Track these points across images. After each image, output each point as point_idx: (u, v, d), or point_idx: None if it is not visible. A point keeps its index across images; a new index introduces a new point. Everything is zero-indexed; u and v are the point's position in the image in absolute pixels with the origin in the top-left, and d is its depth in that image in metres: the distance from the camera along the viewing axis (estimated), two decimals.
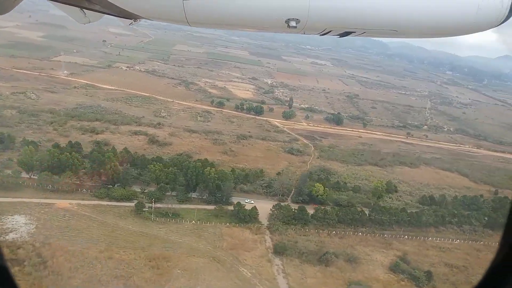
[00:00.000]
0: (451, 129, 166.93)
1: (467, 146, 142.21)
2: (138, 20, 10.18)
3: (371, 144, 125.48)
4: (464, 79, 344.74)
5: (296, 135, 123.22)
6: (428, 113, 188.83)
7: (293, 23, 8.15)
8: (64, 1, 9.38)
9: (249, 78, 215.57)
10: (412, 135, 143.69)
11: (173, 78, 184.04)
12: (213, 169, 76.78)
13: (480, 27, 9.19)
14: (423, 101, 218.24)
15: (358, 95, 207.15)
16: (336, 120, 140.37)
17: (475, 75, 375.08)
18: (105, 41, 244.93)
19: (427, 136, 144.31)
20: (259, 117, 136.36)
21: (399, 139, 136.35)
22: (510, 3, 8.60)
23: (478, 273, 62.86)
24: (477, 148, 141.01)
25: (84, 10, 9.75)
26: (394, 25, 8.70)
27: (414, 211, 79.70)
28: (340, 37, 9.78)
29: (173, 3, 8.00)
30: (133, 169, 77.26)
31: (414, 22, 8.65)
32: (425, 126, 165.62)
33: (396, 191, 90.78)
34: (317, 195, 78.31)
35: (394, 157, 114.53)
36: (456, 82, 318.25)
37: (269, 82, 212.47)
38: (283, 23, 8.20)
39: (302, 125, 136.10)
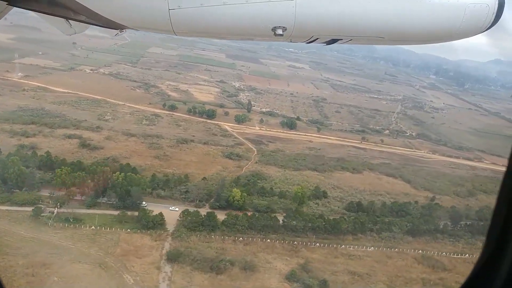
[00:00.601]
0: (413, 134, 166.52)
1: (423, 152, 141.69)
2: (124, 30, 10.20)
3: (319, 149, 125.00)
4: (446, 83, 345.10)
5: (243, 140, 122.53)
6: (394, 118, 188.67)
7: (279, 31, 8.28)
8: (49, 12, 9.40)
9: (217, 81, 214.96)
10: (367, 140, 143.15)
11: (135, 81, 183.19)
12: (122, 174, 75.87)
13: (467, 33, 9.40)
14: (393, 105, 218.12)
15: (326, 99, 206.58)
16: (289, 124, 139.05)
17: (459, 79, 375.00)
18: (75, 43, 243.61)
19: (382, 141, 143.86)
20: (210, 121, 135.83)
21: (352, 144, 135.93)
22: (496, 9, 8.87)
23: (379, 280, 62.42)
24: (432, 153, 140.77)
25: (69, 21, 9.82)
26: (381, 32, 8.85)
27: (333, 217, 78.68)
28: (326, 44, 10.00)
29: (159, 13, 8.11)
30: (43, 173, 76.17)
31: (401, 29, 8.82)
32: (387, 131, 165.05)
33: (325, 197, 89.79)
34: (234, 201, 77.44)
35: (338, 162, 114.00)
36: (436, 86, 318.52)
37: (237, 85, 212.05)
38: (269, 31, 8.34)
39: (254, 129, 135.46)
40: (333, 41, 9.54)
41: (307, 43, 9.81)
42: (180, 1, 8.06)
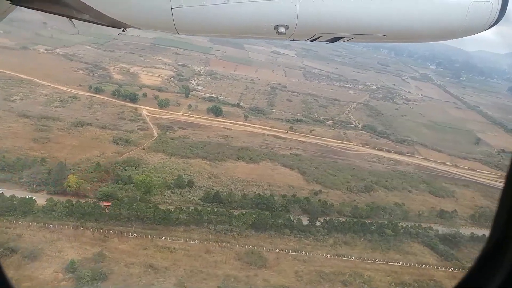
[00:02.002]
0: (359, 125, 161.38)
1: (352, 144, 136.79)
2: (127, 29, 10.14)
3: (232, 137, 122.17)
4: (443, 74, 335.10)
5: (152, 125, 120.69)
6: (349, 108, 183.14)
7: (282, 29, 8.37)
8: (53, 11, 9.45)
9: (178, 64, 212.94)
10: (295, 130, 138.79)
11: (86, 63, 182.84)
12: None
13: (470, 30, 9.40)
14: (359, 96, 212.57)
15: (286, 87, 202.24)
16: (215, 111, 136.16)
17: (460, 70, 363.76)
18: (45, 23, 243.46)
19: (311, 132, 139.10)
20: (131, 105, 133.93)
21: (274, 133, 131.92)
22: (500, 5, 8.83)
23: (176, 275, 60.19)
24: (362, 146, 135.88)
25: (72, 20, 9.82)
26: (384, 30, 8.92)
27: (167, 207, 76.29)
28: (329, 43, 10.02)
29: (161, 12, 8.22)
30: None
31: (404, 27, 8.86)
32: (330, 121, 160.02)
33: (190, 186, 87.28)
34: (68, 187, 75.82)
35: (239, 151, 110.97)
36: (428, 77, 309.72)
37: (198, 69, 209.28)
38: (272, 29, 8.44)
39: (175, 114, 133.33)
40: (336, 39, 9.53)
41: (310, 41, 9.83)
42: (183, 0, 8.08)
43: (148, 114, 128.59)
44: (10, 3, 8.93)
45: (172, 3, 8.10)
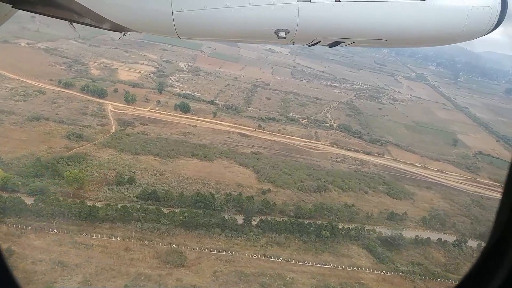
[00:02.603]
0: (335, 124, 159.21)
1: (320, 143, 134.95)
2: (127, 33, 10.20)
3: (194, 134, 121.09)
4: (441, 75, 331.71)
5: (113, 120, 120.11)
6: (329, 107, 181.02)
7: (282, 34, 8.47)
8: (54, 15, 9.53)
9: (163, 61, 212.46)
10: (263, 128, 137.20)
11: (66, 57, 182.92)
12: None
13: (469, 35, 9.56)
14: (344, 95, 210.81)
15: (268, 85, 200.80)
16: (182, 107, 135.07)
17: (460, 71, 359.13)
18: (33, 16, 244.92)
19: (279, 130, 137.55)
20: (98, 100, 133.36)
21: (241, 131, 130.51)
22: (499, 11, 8.97)
23: (88, 272, 59.22)
24: (330, 146, 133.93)
25: (73, 24, 9.96)
26: (384, 35, 9.07)
27: (93, 204, 75.28)
28: (329, 47, 10.19)
29: (162, 16, 8.31)
30: None
31: (403, 32, 9.00)
32: (305, 120, 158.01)
33: (130, 183, 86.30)
34: None
35: (196, 149, 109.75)
36: (424, 77, 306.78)
37: (182, 66, 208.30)
38: (272, 33, 8.56)
39: (141, 110, 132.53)
40: (336, 43, 9.59)
41: (310, 45, 9.93)
42: (184, 3, 8.14)
43: (113, 109, 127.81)
44: (12, 7, 9.00)
45: (173, 7, 8.14)
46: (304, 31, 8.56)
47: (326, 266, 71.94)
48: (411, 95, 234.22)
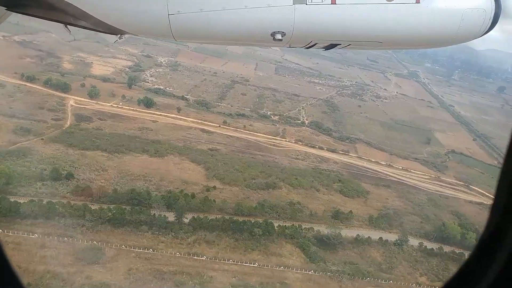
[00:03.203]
0: (306, 121, 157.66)
1: (286, 140, 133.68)
2: (123, 36, 10.43)
3: (152, 130, 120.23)
4: (435, 72, 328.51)
5: (71, 115, 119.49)
6: (306, 104, 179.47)
7: (278, 36, 8.79)
8: (49, 18, 9.73)
9: (143, 55, 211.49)
10: (229, 124, 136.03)
11: (40, 51, 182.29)
12: None
13: (465, 37, 9.92)
14: (327, 91, 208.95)
15: (248, 81, 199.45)
16: (146, 102, 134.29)
17: (456, 69, 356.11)
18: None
19: (245, 127, 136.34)
20: (61, 94, 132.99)
21: (205, 127, 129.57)
22: (493, 14, 9.25)
23: None
24: (294, 143, 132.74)
25: (68, 27, 10.11)
26: (379, 37, 9.49)
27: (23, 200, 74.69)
28: (325, 49, 10.66)
29: (158, 18, 8.39)
30: None
31: (398, 34, 9.33)
32: (277, 117, 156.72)
33: (68, 179, 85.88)
34: None
35: (148, 144, 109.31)
36: (416, 74, 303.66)
37: (161, 61, 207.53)
38: (268, 36, 8.87)
39: (103, 105, 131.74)
40: (332, 46, 10.07)
41: (306, 48, 10.43)
42: (180, 6, 8.18)
43: (73, 104, 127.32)
44: (6, 10, 8.95)
45: (169, 9, 8.14)
46: (300, 34, 8.75)
47: (251, 265, 70.92)
48: (397, 92, 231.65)
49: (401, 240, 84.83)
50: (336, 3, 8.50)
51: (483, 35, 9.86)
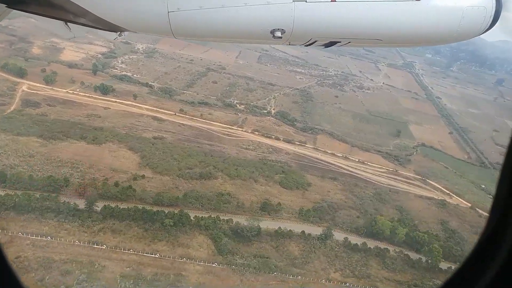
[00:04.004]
0: (273, 111, 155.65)
1: (242, 130, 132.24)
2: (123, 33, 10.56)
3: (100, 116, 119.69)
4: (436, 63, 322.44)
5: (18, 100, 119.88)
6: (279, 93, 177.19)
7: (278, 34, 8.79)
8: (49, 15, 9.82)
9: (122, 42, 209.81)
10: (185, 112, 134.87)
11: (13, 36, 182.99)
12: None
13: (464, 36, 9.98)
14: (307, 81, 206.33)
15: (224, 69, 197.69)
16: (102, 89, 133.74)
17: (460, 59, 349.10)
18: None
19: (202, 115, 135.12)
20: (15, 79, 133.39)
21: (158, 115, 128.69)
22: (493, 12, 9.22)
23: None
24: (250, 132, 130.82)
25: (68, 24, 10.32)
26: (379, 35, 9.38)
27: None
28: (325, 47, 10.61)
29: (158, 16, 8.56)
30: None
31: (398, 32, 9.28)
32: (243, 106, 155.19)
33: None
34: None
35: (89, 131, 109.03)
36: (411, 65, 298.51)
37: (139, 47, 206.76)
38: (268, 33, 8.88)
39: (58, 91, 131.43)
40: (332, 43, 9.85)
41: (306, 45, 10.25)
42: (179, 3, 8.27)
43: (26, 89, 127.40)
44: (6, 7, 9.00)
45: (169, 7, 8.20)
46: (300, 31, 8.68)
47: (152, 256, 70.08)
48: (383, 83, 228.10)
49: (325, 234, 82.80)
50: (336, 0, 8.47)
51: (483, 32, 9.83)
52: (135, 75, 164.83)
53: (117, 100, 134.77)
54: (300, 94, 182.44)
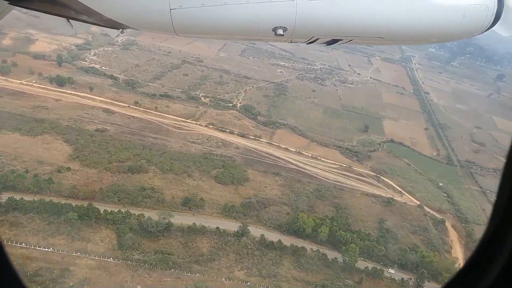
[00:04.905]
0: (239, 105, 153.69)
1: (197, 123, 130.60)
2: (125, 30, 10.74)
3: (48, 108, 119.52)
4: (437, 57, 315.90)
5: None
6: (252, 87, 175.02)
7: (280, 31, 8.78)
8: (51, 11, 9.93)
9: (102, 34, 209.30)
10: (140, 105, 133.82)
11: None
12: None
13: (467, 33, 10.07)
14: (287, 74, 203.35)
15: (201, 61, 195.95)
16: (58, 81, 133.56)
17: (464, 54, 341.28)
18: None
19: (156, 108, 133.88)
20: None
21: (110, 107, 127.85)
22: (495, 10, 9.37)
23: None
24: (204, 126, 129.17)
25: (70, 21, 10.39)
26: (381, 32, 9.38)
27: None
28: (327, 45, 10.65)
29: (160, 13, 8.58)
30: None
31: (400, 29, 9.33)
32: (208, 99, 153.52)
33: None
34: None
35: (28, 123, 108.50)
36: (408, 59, 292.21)
37: (118, 39, 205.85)
38: (270, 31, 8.86)
39: (11, 82, 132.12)
40: (334, 41, 9.99)
41: (308, 43, 10.23)
42: (182, 1, 8.31)
43: None
44: (8, 3, 8.88)
45: (171, 4, 8.10)
46: (302, 29, 8.48)
47: (44, 249, 68.89)
48: (370, 77, 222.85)
49: (241, 231, 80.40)
50: None
51: (485, 31, 9.76)
52: (103, 67, 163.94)
53: (72, 92, 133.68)
54: (274, 88, 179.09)
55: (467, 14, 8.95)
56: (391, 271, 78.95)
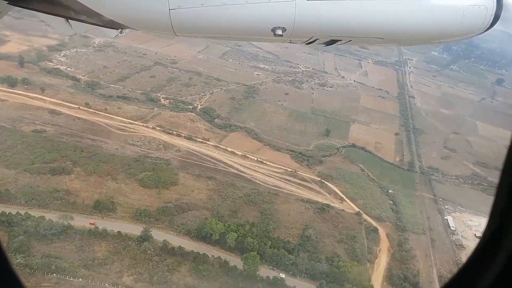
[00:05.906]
0: (200, 107, 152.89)
1: (146, 125, 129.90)
2: (124, 30, 11.19)
3: None
4: (437, 61, 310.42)
5: None
6: (220, 89, 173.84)
7: (279, 31, 8.99)
8: (50, 12, 10.14)
9: (81, 36, 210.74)
10: (90, 106, 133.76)
11: None
12: None
13: (466, 34, 10.34)
14: (263, 77, 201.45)
15: (176, 63, 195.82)
16: (9, 81, 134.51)
17: (469, 57, 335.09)
18: None
19: (106, 109, 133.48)
20: None
21: (59, 108, 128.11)
22: (494, 10, 9.64)
23: None
24: (151, 128, 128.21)
25: (69, 21, 10.62)
26: (380, 33, 9.64)
27: None
28: (326, 45, 10.89)
29: (159, 13, 8.73)
30: None
31: (400, 30, 9.59)
32: (168, 101, 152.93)
33: None
34: None
35: None
36: (404, 63, 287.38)
37: (94, 42, 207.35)
38: (269, 31, 9.05)
39: None
40: (333, 41, 10.16)
41: (307, 43, 10.38)
42: (181, 1, 8.51)
43: None
44: (7, 4, 8.95)
45: (170, 4, 8.15)
46: (300, 29, 8.50)
47: None
48: (354, 80, 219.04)
49: (143, 236, 78.65)
50: None
51: (484, 31, 9.80)
52: (68, 69, 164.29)
53: (22, 93, 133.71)
54: (245, 91, 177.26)
55: (466, 15, 8.85)
56: (282, 275, 76.24)
